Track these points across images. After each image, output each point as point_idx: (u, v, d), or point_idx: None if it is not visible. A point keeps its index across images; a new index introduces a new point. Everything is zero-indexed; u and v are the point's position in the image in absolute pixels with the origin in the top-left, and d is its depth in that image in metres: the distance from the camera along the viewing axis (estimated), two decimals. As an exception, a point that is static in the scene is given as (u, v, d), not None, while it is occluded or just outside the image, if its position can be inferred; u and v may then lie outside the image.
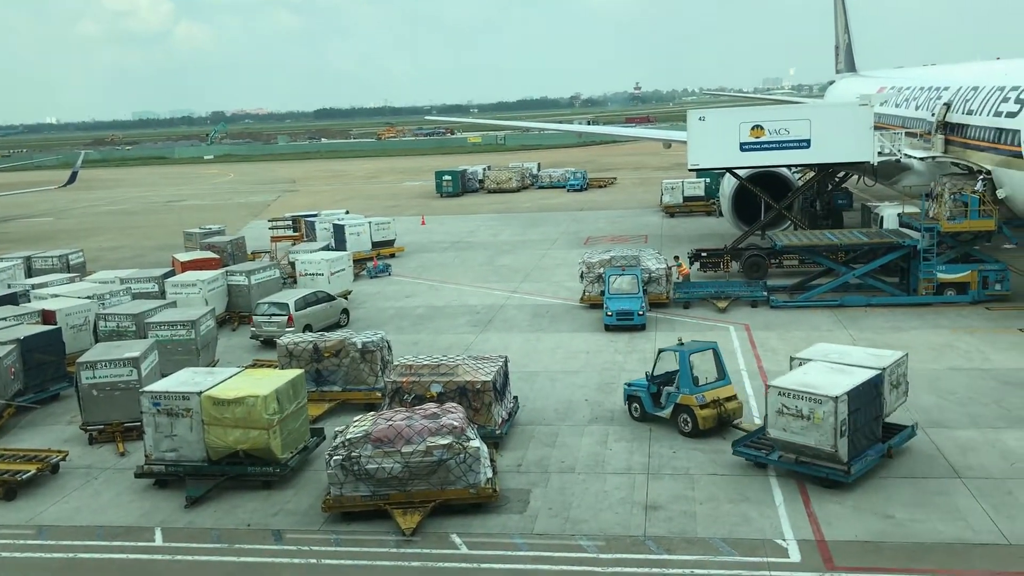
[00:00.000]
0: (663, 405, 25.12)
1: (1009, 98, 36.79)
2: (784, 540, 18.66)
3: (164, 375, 25.95)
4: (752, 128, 43.42)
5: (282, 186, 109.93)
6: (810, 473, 21.09)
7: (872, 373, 21.82)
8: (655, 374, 25.70)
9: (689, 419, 24.40)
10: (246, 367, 27.82)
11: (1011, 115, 35.92)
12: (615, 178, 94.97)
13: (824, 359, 22.96)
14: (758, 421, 25.01)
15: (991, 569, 17.19)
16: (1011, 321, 34.03)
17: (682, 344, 25.81)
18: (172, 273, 42.43)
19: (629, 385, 26.38)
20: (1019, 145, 34.44)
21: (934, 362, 29.76)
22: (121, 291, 37.93)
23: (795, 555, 18.07)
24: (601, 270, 38.40)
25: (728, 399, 24.91)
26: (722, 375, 25.28)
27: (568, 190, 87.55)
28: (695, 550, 18.46)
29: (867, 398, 21.33)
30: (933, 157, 43.18)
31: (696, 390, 24.60)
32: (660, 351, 26.22)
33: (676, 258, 42.37)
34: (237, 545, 19.85)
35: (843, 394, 20.46)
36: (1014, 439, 23.13)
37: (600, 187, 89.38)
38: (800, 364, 22.99)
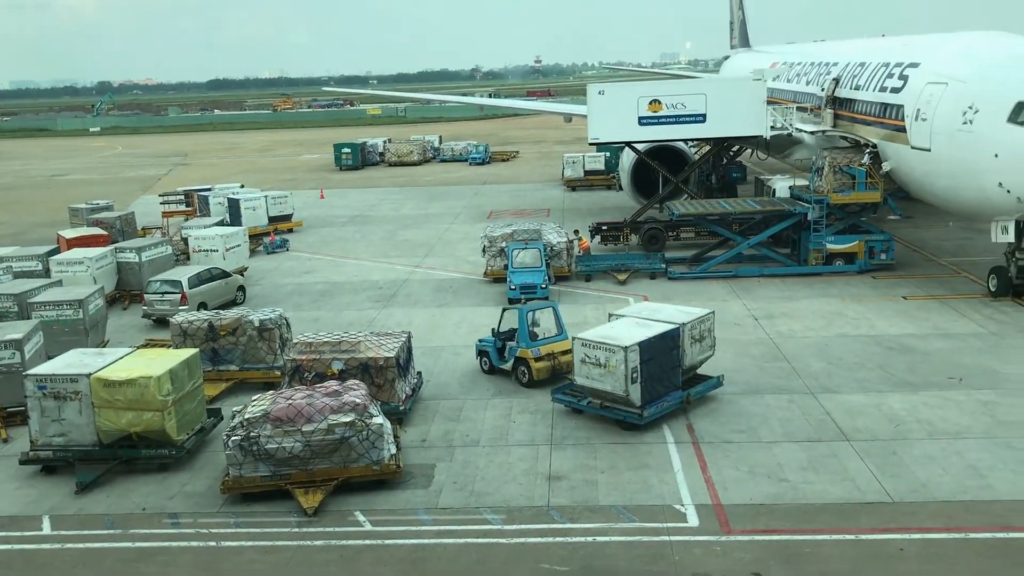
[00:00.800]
0: (506, 359, 27.08)
1: (893, 74, 38.18)
2: (683, 505, 19.12)
3: (50, 357, 24.86)
4: (650, 103, 43.96)
5: (173, 159, 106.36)
6: (612, 416, 23.16)
7: (669, 327, 23.83)
8: (500, 331, 27.69)
9: (526, 371, 26.34)
10: (138, 347, 26.97)
11: (895, 90, 37.30)
12: (518, 152, 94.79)
13: (636, 315, 25.06)
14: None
15: (877, 526, 17.98)
16: (895, 289, 35.54)
17: (524, 303, 28.45)
18: (57, 251, 40.66)
19: (480, 341, 28.26)
20: (903, 119, 35.80)
21: (824, 330, 30.87)
22: (1, 270, 36.09)
23: (693, 519, 18.54)
24: (503, 244, 38.45)
25: (563, 353, 26.46)
26: (560, 331, 27.16)
27: (470, 163, 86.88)
28: (597, 518, 18.76)
29: (662, 349, 23.35)
30: (823, 131, 44.57)
31: (532, 344, 26.48)
32: (504, 310, 28.56)
33: (576, 232, 42.75)
34: (132, 530, 19.23)
35: (634, 344, 22.53)
36: (898, 402, 24.21)
37: (503, 160, 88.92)
38: (615, 319, 25.19)
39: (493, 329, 27.98)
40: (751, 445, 21.92)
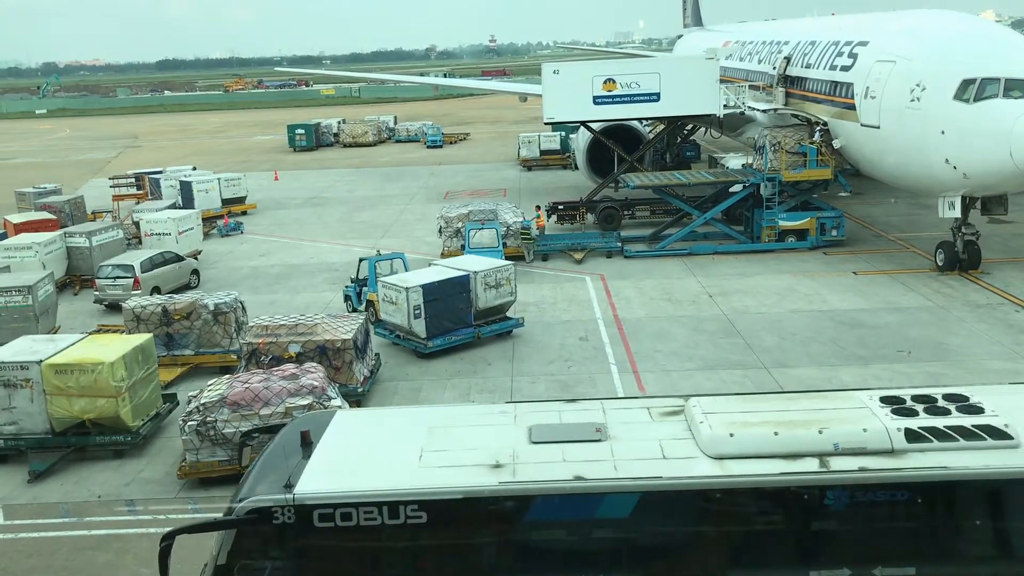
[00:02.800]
0: (361, 301, 30.87)
1: (843, 52, 38.66)
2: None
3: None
4: (604, 82, 44.06)
5: (123, 142, 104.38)
6: (407, 346, 27.62)
7: (459, 274, 28.13)
8: (359, 278, 31.80)
9: (373, 312, 29.19)
10: (90, 333, 26.56)
11: (845, 68, 37.78)
12: (468, 133, 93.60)
13: (446, 264, 29.87)
14: (615, 366, 25.89)
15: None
16: (846, 265, 36.16)
17: (378, 254, 32.33)
18: (4, 236, 39.83)
19: (345, 287, 32.53)
20: (853, 97, 36.30)
21: (777, 305, 31.35)
22: (-54, 256, 35.32)
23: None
24: (460, 224, 38.42)
25: None
26: None
27: (428, 146, 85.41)
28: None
29: (449, 292, 27.58)
30: (775, 109, 45.03)
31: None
32: (360, 259, 32.31)
33: (537, 208, 42.86)
34: (88, 518, 19.03)
35: (416, 286, 26.91)
36: (849, 375, 24.71)
37: (452, 143, 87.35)
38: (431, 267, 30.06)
39: (351, 277, 32.50)
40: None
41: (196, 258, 40.10)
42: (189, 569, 12.95)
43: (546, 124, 49.37)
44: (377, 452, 12.18)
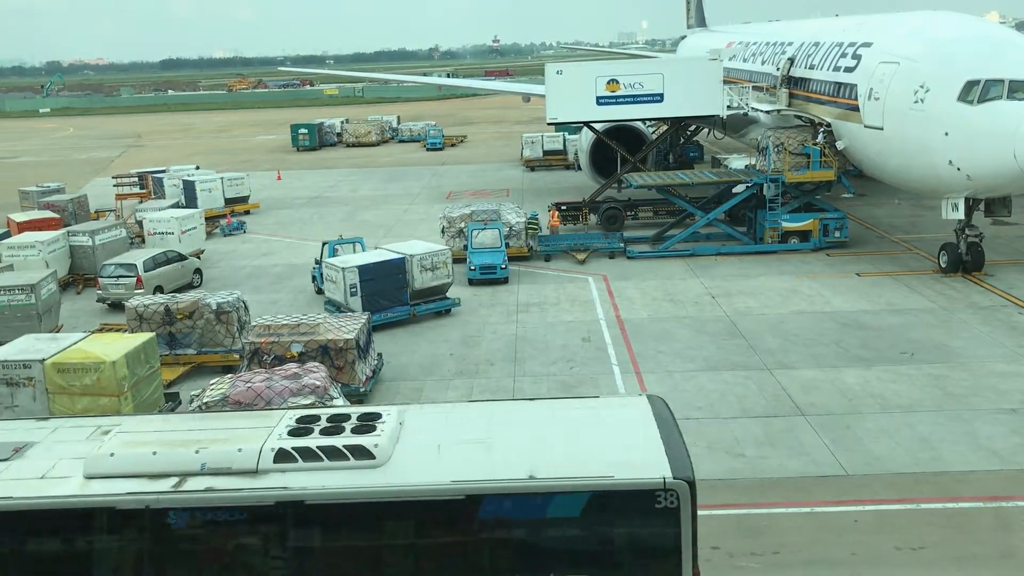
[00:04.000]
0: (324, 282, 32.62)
1: (847, 53, 38.62)
2: (643, 482, 19.31)
3: (2, 343, 24.39)
4: (608, 82, 44.06)
5: (127, 141, 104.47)
6: None
7: (395, 256, 30.91)
8: (322, 259, 33.45)
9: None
10: (93, 332, 26.57)
11: (849, 70, 37.74)
12: (465, 136, 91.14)
13: (388, 248, 32.39)
14: (617, 366, 25.89)
15: (832, 499, 18.37)
16: (849, 266, 36.12)
17: (340, 238, 35.27)
18: (7, 234, 39.86)
19: (313, 269, 35.01)
20: (856, 99, 36.26)
21: (780, 307, 31.31)
22: (-51, 255, 35.36)
23: (653, 496, 18.74)
24: (462, 224, 38.42)
25: None
26: None
27: (428, 149, 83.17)
28: (558, 496, 18.88)
29: (385, 273, 30.21)
30: (778, 110, 44.98)
31: None
32: (323, 243, 34.35)
33: (551, 207, 43.47)
34: (89, 517, 19.01)
35: (352, 267, 29.80)
36: (852, 377, 24.68)
37: (451, 146, 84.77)
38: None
39: (316, 259, 34.55)
40: (709, 421, 22.23)
41: (199, 257, 40.12)
42: None
43: (549, 124, 49.35)
44: None
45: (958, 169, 30.86)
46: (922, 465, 19.56)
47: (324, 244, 34.36)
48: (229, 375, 22.09)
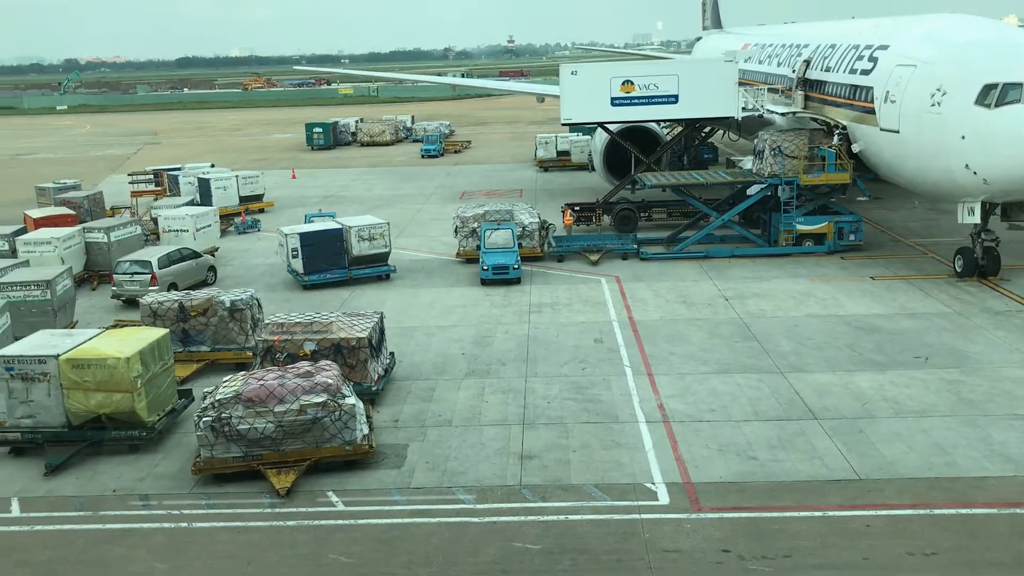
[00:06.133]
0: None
1: (863, 56, 38.43)
2: (653, 484, 19.31)
3: (18, 338, 24.57)
4: (623, 83, 43.95)
5: (143, 138, 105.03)
6: (297, 280, 36.19)
7: (333, 227, 36.50)
8: None
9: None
10: (107, 328, 26.68)
11: (865, 72, 37.55)
12: (469, 141, 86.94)
13: (337, 221, 37.87)
14: (629, 368, 25.84)
15: (844, 503, 18.28)
16: (864, 270, 35.94)
17: (319, 211, 40.57)
18: (24, 230, 40.11)
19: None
20: (872, 101, 36.08)
21: (793, 310, 31.18)
22: (-33, 250, 35.63)
23: (664, 498, 18.74)
24: (475, 225, 38.44)
25: None
26: None
27: (423, 156, 77.58)
28: (569, 496, 18.91)
29: (324, 240, 35.83)
30: (793, 112, 44.82)
31: None
32: (305, 216, 40.11)
33: (565, 207, 43.68)
34: (103, 512, 19.14)
35: (294, 234, 35.84)
36: (865, 381, 24.55)
37: (455, 152, 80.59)
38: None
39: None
40: (722, 424, 22.17)
41: (213, 255, 40.29)
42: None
43: (563, 125, 49.29)
44: None
45: (975, 173, 30.65)
46: (936, 470, 19.44)
47: (306, 217, 39.54)
48: (242, 372, 22.15)
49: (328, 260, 35.75)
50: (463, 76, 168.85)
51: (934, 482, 18.97)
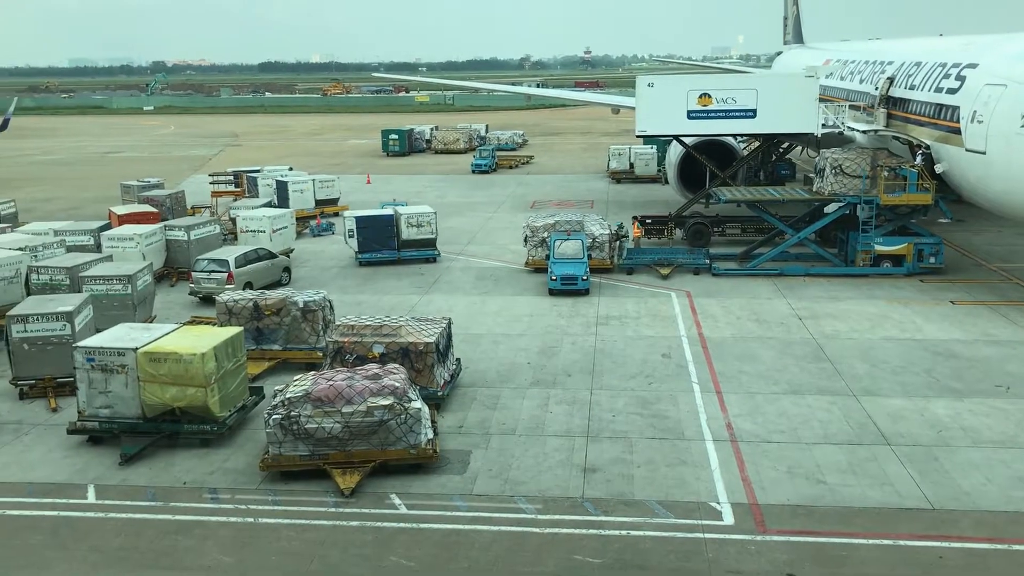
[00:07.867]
0: None
1: (950, 75, 37.39)
2: (719, 503, 19.02)
3: (99, 330, 25.34)
4: (700, 96, 43.45)
5: (224, 140, 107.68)
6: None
7: (386, 214, 41.31)
8: None
9: None
10: (184, 324, 27.34)
11: (951, 91, 36.53)
12: (531, 157, 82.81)
13: (393, 208, 42.95)
14: (697, 385, 25.51)
15: (916, 532, 17.74)
16: (943, 293, 34.92)
17: (395, 201, 43.89)
18: (108, 226, 41.38)
19: None
20: (958, 121, 35.07)
21: (869, 332, 30.43)
22: (55, 243, 36.79)
23: (728, 518, 18.44)
24: (545, 234, 38.43)
25: None
26: None
27: (472, 171, 73.71)
28: (632, 512, 18.73)
29: (379, 226, 40.72)
30: (875, 130, 43.80)
31: None
32: (381, 204, 44.05)
33: (634, 219, 43.78)
34: (172, 503, 19.61)
35: (351, 218, 41.24)
36: (942, 408, 23.82)
37: (509, 168, 76.53)
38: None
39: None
40: (790, 446, 21.72)
41: (288, 256, 41.04)
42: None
43: (638, 136, 48.98)
44: None
45: (1065, 197, 29.54)
46: (1015, 504, 18.74)
47: (382, 205, 44.33)
48: (312, 372, 22.50)
49: (380, 241, 40.58)
50: (538, 86, 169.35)
51: (1015, 516, 18.29)
